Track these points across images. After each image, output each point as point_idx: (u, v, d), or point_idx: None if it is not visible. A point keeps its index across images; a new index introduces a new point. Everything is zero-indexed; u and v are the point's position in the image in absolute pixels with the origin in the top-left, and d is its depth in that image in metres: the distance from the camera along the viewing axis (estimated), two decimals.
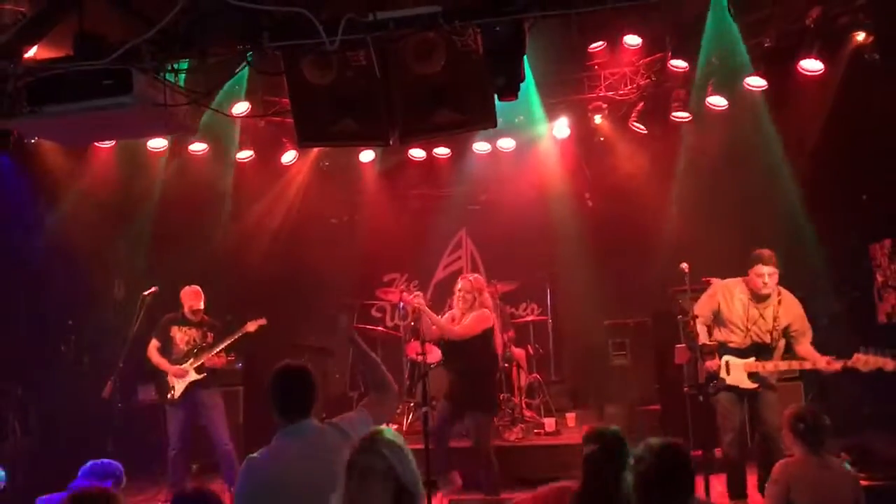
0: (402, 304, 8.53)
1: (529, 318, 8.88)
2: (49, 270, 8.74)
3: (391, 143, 5.49)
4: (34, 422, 7.89)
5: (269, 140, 8.74)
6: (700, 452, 6.03)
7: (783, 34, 6.89)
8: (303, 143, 5.64)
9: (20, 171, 8.02)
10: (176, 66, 3.75)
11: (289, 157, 8.96)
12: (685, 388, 7.13)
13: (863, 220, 7.97)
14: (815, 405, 4.17)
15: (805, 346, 5.87)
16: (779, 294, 5.82)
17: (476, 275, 6.96)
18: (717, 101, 7.50)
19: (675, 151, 8.43)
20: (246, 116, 7.61)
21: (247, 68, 5.07)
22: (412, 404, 7.97)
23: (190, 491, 2.66)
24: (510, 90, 3.86)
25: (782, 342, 5.88)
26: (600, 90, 8.29)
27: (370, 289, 9.37)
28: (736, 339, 5.90)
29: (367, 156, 9.25)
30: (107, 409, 6.98)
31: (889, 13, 6.02)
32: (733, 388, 5.87)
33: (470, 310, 6.44)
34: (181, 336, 7.17)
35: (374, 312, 9.93)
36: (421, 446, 5.98)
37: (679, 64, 7.39)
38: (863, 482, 5.78)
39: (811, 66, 6.69)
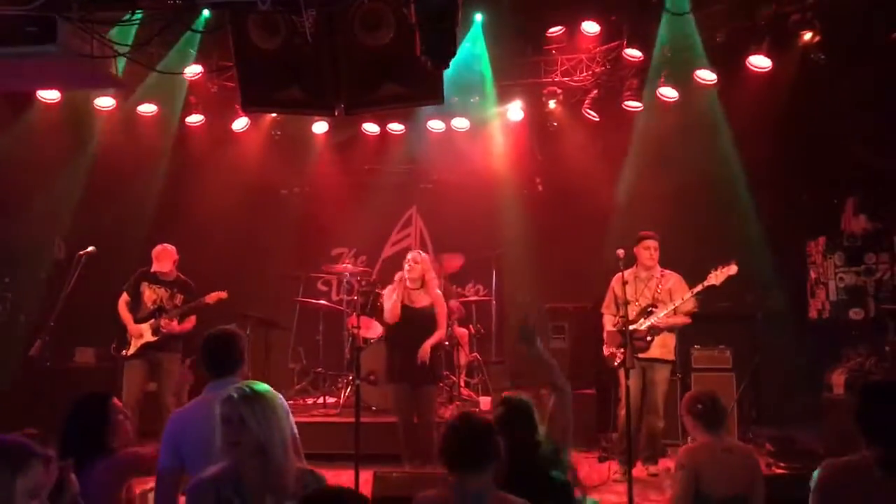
0: (347, 276, 8.51)
1: (473, 299, 8.92)
2: None
3: (336, 113, 5.46)
4: None
5: (220, 105, 8.62)
6: None
7: (735, 29, 6.98)
8: (247, 108, 5.57)
9: None
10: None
11: (240, 124, 8.85)
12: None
13: (802, 218, 8.14)
14: (712, 392, 4.24)
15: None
16: (661, 271, 6.77)
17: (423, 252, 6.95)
18: (668, 93, 7.59)
19: (625, 140, 8.50)
20: (191, 78, 7.50)
21: (196, 27, 5.02)
22: (350, 377, 7.97)
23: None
24: (440, 61, 3.84)
25: (666, 307, 6.60)
26: (556, 75, 8.32)
27: (317, 262, 9.30)
28: (629, 314, 6.49)
29: (320, 127, 9.17)
30: (39, 369, 6.88)
31: (835, 14, 6.13)
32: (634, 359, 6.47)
33: (421, 287, 6.48)
34: (149, 294, 7.05)
35: (319, 286, 9.88)
36: (352, 420, 6.04)
37: (634, 53, 7.45)
38: (782, 471, 6.00)
39: (760, 62, 6.80)
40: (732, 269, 6.44)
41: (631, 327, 6.53)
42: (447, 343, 7.85)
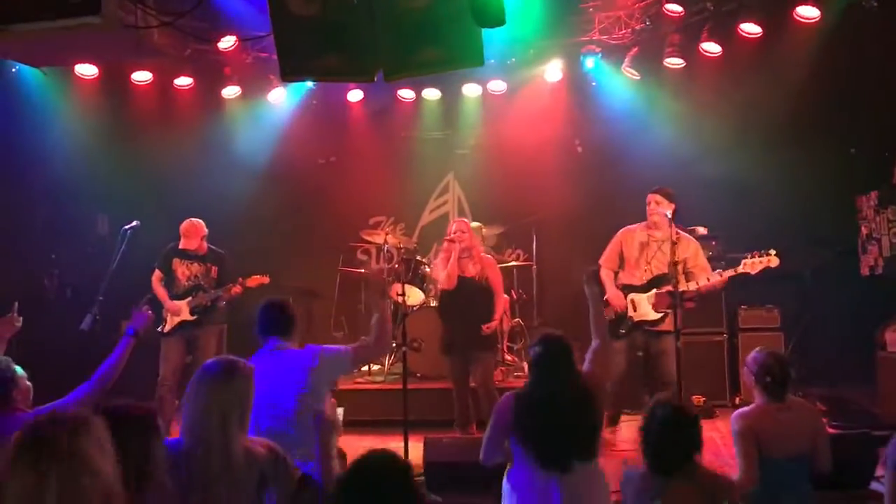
0: (386, 246, 8.49)
1: (514, 264, 8.86)
2: (31, 203, 8.67)
3: (375, 79, 5.40)
4: (15, 354, 7.87)
5: (256, 77, 8.60)
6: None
7: None
8: (286, 77, 5.53)
9: (1, 100, 7.92)
10: None
11: (276, 94, 8.83)
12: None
13: (851, 172, 7.93)
14: (779, 353, 4.09)
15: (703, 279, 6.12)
16: (676, 234, 6.08)
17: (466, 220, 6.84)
18: (711, 48, 7.39)
19: (666, 98, 8.33)
20: (226, 49, 7.48)
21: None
22: (394, 344, 7.99)
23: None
24: (493, 18, 3.74)
25: (681, 277, 6.05)
26: (594, 34, 8.17)
27: (356, 231, 9.28)
28: (637, 277, 6.28)
29: (355, 95, 9.12)
30: (90, 342, 6.97)
31: None
32: (640, 325, 6.22)
33: (469, 255, 6.42)
34: (182, 270, 6.98)
35: (359, 255, 9.88)
36: (400, 386, 6.06)
37: (674, 8, 7.28)
38: (835, 430, 5.89)
39: (807, 12, 6.60)
40: (774, 261, 5.84)
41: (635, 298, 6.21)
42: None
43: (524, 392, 3.63)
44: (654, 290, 6.22)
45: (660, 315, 6.17)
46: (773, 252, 5.87)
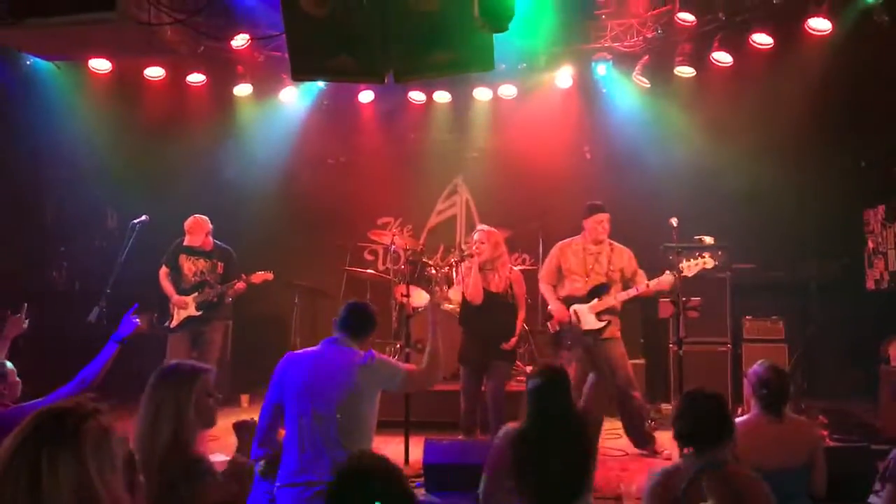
0: (393, 246, 8.51)
1: (519, 268, 8.84)
2: (41, 196, 8.72)
3: (385, 81, 5.43)
4: (23, 346, 7.91)
5: (268, 76, 8.65)
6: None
7: None
8: (296, 76, 5.57)
9: (16, 93, 7.98)
10: None
11: (287, 93, 8.87)
12: (670, 343, 7.36)
13: (859, 186, 7.92)
14: (781, 368, 4.06)
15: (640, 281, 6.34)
16: (610, 244, 6.43)
17: (491, 227, 6.67)
18: (722, 58, 7.40)
19: (676, 107, 8.33)
20: (239, 47, 7.52)
21: None
22: (398, 346, 8.01)
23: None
24: (498, 25, 3.76)
25: (618, 286, 6.35)
26: (605, 41, 8.18)
27: (364, 231, 9.32)
28: (578, 288, 6.38)
29: (366, 96, 9.15)
30: (97, 335, 7.01)
31: None
32: (588, 334, 6.29)
33: (493, 267, 6.35)
34: (189, 266, 7.07)
35: (366, 255, 9.91)
36: None
37: (686, 17, 7.28)
38: (836, 443, 5.90)
39: (819, 25, 6.59)
40: (709, 262, 6.08)
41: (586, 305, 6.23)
42: None
43: (522, 431, 3.58)
44: (595, 300, 6.29)
45: (603, 324, 6.27)
46: (706, 255, 6.11)
